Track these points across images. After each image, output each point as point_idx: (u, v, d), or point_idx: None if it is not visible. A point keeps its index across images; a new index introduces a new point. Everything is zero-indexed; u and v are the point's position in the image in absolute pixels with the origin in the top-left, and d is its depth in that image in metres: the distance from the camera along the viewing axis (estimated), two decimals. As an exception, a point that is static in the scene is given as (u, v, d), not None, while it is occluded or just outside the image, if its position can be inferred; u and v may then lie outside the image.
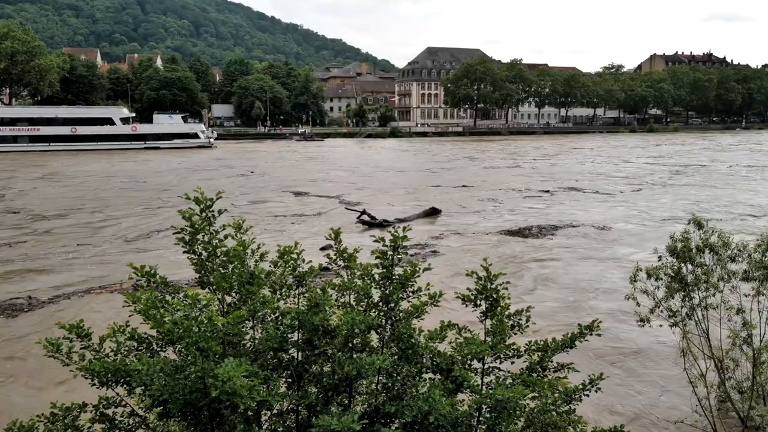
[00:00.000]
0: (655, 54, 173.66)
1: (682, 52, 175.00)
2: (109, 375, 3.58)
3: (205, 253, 3.97)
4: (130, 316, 3.68)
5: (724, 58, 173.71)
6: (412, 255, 17.55)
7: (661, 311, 7.14)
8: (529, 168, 48.60)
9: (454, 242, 20.08)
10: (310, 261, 4.22)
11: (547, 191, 33.21)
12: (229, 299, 4.05)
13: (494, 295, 4.08)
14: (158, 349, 3.85)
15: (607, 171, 46.09)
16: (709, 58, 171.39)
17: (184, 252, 4.01)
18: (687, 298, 7.13)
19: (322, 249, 17.29)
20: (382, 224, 22.90)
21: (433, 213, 25.58)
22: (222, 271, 3.98)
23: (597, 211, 26.63)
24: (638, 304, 7.25)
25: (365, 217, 23.50)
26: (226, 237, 4.13)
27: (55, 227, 23.25)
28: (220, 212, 4.10)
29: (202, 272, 3.97)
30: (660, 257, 7.36)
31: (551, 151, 69.72)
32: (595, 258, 17.68)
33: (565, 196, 31.71)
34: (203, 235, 3.97)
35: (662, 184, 37.36)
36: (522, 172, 45.40)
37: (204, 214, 4.00)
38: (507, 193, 32.71)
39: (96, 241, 20.34)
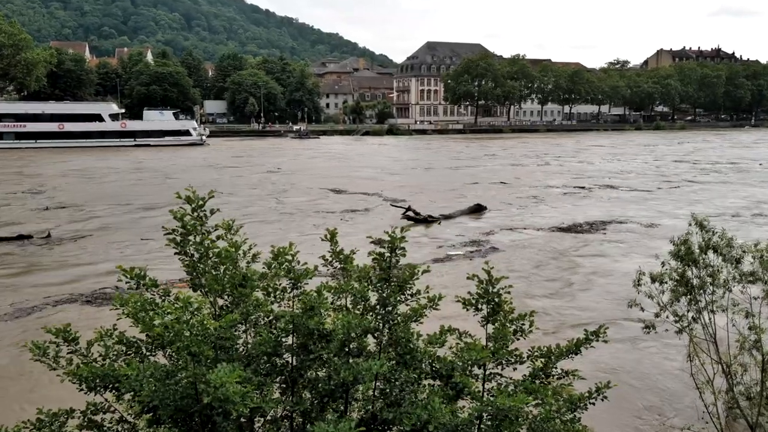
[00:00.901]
0: (661, 49, 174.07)
1: (690, 48, 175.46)
2: (97, 380, 3.57)
3: (197, 255, 3.96)
4: (118, 319, 3.67)
5: (733, 53, 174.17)
6: (472, 252, 18.83)
7: (667, 316, 7.15)
8: (557, 165, 49.88)
9: (507, 238, 21.04)
10: (305, 263, 4.21)
11: (583, 187, 34.84)
12: (221, 302, 4.04)
13: (496, 299, 4.08)
14: (148, 353, 3.84)
15: (637, 169, 47.38)
16: (717, 53, 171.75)
17: (175, 253, 4.00)
18: (693, 302, 7.14)
19: (374, 242, 17.72)
20: (428, 220, 24.10)
21: (477, 210, 26.49)
22: (214, 273, 3.97)
23: (639, 207, 27.76)
24: (642, 309, 7.25)
25: (410, 213, 24.58)
26: (218, 238, 4.12)
27: (109, 222, 24.59)
28: (212, 212, 4.09)
29: (194, 274, 3.96)
30: (663, 263, 7.37)
31: (571, 149, 71.02)
32: (647, 254, 17.62)
33: (603, 193, 33.10)
34: (195, 236, 3.96)
35: (699, 181, 38.39)
36: (552, 169, 46.56)
37: (196, 214, 3.99)
38: (545, 190, 34.12)
39: (157, 236, 20.65)
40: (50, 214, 26.37)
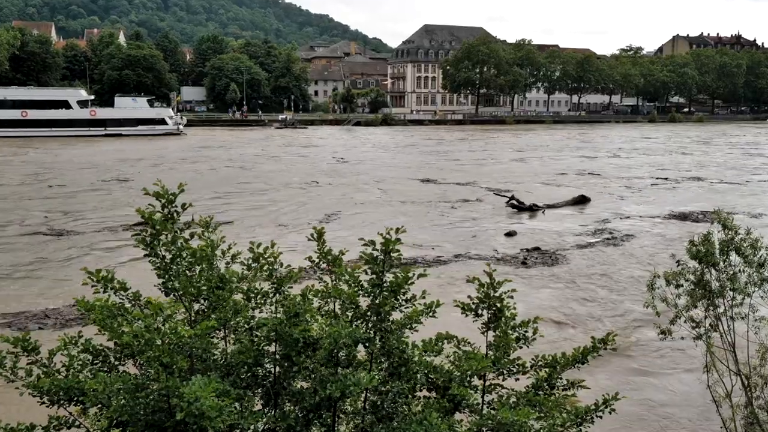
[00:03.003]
0: (677, 35, 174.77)
1: (708, 34, 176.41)
2: (61, 393, 3.53)
3: (168, 255, 3.92)
4: (83, 326, 3.64)
5: (755, 40, 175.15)
6: (608, 238, 21.39)
7: (684, 322, 7.16)
8: (626, 159, 52.37)
9: (625, 225, 23.38)
10: (289, 265, 4.18)
11: (666, 179, 38.32)
12: (196, 307, 4.01)
13: (498, 305, 4.07)
14: (116, 363, 3.81)
15: (703, 161, 50.46)
16: (737, 40, 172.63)
17: (145, 255, 3.96)
18: (711, 307, 7.15)
19: (508, 235, 21.80)
20: (532, 209, 26.72)
21: (582, 201, 28.69)
22: (188, 275, 3.93)
23: (739, 198, 30.69)
24: (657, 314, 7.27)
25: (514, 202, 26.99)
26: (192, 236, 4.08)
27: (232, 208, 26.91)
28: (184, 207, 4.05)
29: (166, 277, 3.93)
30: (678, 262, 7.38)
31: (617, 141, 74.06)
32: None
33: (691, 184, 36.57)
34: (166, 235, 3.91)
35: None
36: (623, 162, 49.23)
37: (166, 211, 3.94)
38: (631, 180, 37.60)
39: (289, 222, 24.11)
40: (147, 200, 27.65)
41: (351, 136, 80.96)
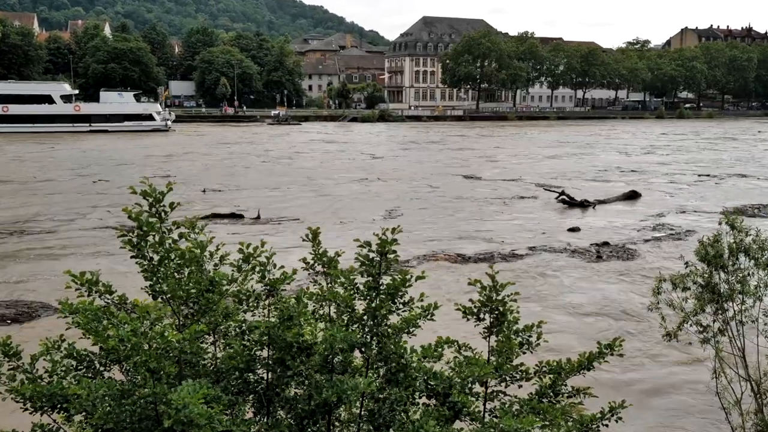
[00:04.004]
0: (686, 28, 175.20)
1: (718, 26, 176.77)
2: (44, 399, 3.52)
3: (156, 257, 3.91)
4: (66, 329, 3.62)
5: (766, 33, 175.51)
6: (671, 233, 22.32)
7: (691, 326, 7.18)
8: (654, 156, 53.73)
9: (685, 221, 24.36)
10: (282, 266, 4.17)
11: (708, 175, 39.77)
12: (185, 310, 4.00)
13: (500, 308, 4.07)
14: (101, 368, 3.80)
15: (741, 157, 51.80)
16: (748, 33, 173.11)
17: (132, 257, 3.95)
18: (720, 311, 7.17)
19: (571, 230, 22.99)
20: (583, 204, 28.01)
21: (632, 196, 30.08)
22: (177, 277, 3.93)
23: None
24: (663, 319, 7.28)
25: (565, 197, 28.35)
26: (180, 237, 4.07)
27: (286, 205, 28.22)
28: (172, 206, 4.04)
29: (154, 279, 3.92)
30: (687, 264, 7.39)
31: (644, 138, 75.67)
32: None
33: (736, 180, 37.88)
34: (154, 236, 3.91)
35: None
36: (653, 159, 50.86)
37: (154, 210, 3.94)
38: (674, 177, 39.17)
39: (347, 218, 25.53)
40: (212, 196, 30.37)
41: (371, 132, 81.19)
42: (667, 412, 9.90)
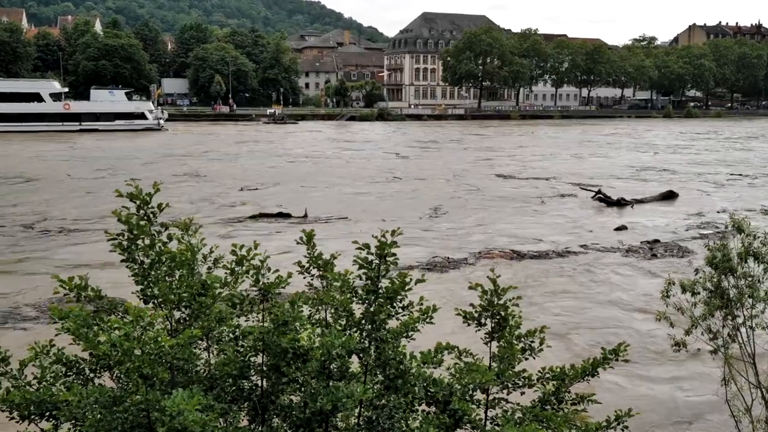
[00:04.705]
0: (694, 24, 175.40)
1: (727, 23, 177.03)
2: (32, 407, 3.52)
3: (147, 261, 3.91)
4: (56, 335, 3.63)
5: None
6: (717, 231, 22.33)
7: (702, 334, 7.18)
8: (681, 155, 54.74)
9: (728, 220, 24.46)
10: (277, 270, 4.18)
11: (741, 175, 40.49)
12: (177, 315, 4.00)
13: (502, 313, 4.07)
14: (92, 375, 3.80)
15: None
16: (758, 29, 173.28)
17: (122, 261, 3.95)
18: (729, 317, 7.17)
19: (618, 229, 23.38)
20: (620, 203, 28.72)
21: (670, 196, 30.78)
22: (168, 281, 3.93)
23: None
24: (672, 325, 7.29)
25: (601, 196, 29.14)
26: (170, 238, 4.07)
27: (325, 204, 28.83)
28: (161, 208, 4.03)
29: (145, 283, 3.92)
30: (697, 270, 7.40)
31: (665, 137, 76.80)
32: None
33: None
34: (144, 239, 3.91)
35: None
36: (681, 158, 51.95)
37: (142, 212, 3.93)
38: (705, 176, 39.87)
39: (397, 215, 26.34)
40: (250, 195, 31.31)
41: (382, 131, 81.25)
42: (675, 419, 9.90)
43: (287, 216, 25.39)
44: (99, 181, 35.31)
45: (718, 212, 27.12)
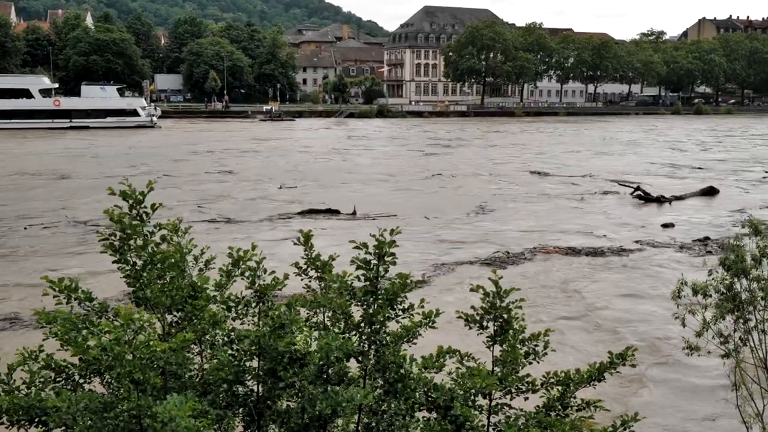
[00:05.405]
0: (703, 18, 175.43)
1: (737, 17, 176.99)
2: (21, 412, 3.52)
3: (140, 262, 3.91)
4: (44, 339, 3.62)
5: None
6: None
7: (713, 338, 7.18)
8: (711, 153, 55.48)
9: None
10: (273, 271, 4.17)
11: None
12: (170, 318, 4.00)
13: (505, 315, 4.07)
14: (82, 380, 3.79)
15: None
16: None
17: (114, 262, 3.95)
18: (741, 320, 7.18)
19: (665, 226, 24.07)
20: (660, 200, 29.44)
21: (710, 192, 31.47)
22: (160, 283, 3.92)
23: None
24: (684, 325, 7.29)
25: (640, 192, 29.83)
26: (162, 239, 4.07)
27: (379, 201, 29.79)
28: (153, 208, 4.03)
29: (137, 285, 3.91)
30: (710, 271, 7.41)
31: (688, 134, 77.46)
32: None
33: None
34: (136, 239, 3.90)
35: None
36: (711, 155, 52.68)
37: (134, 212, 3.93)
38: (741, 174, 40.76)
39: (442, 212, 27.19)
40: (290, 192, 32.01)
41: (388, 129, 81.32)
42: (683, 424, 9.91)
43: (336, 212, 26.27)
44: (136, 179, 35.70)
45: (760, 209, 27.57)
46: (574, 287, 16.75)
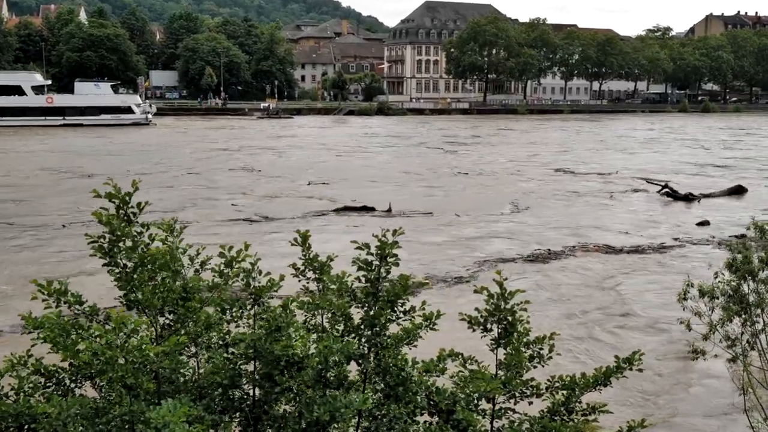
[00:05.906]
0: (711, 14, 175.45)
1: (746, 12, 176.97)
2: (10, 419, 3.51)
3: (130, 264, 3.88)
4: (32, 345, 3.60)
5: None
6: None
7: (720, 341, 7.17)
8: (734, 151, 56.30)
9: None
10: (269, 273, 4.15)
11: None
12: (162, 320, 3.98)
13: (509, 318, 4.05)
14: (73, 385, 3.77)
15: None
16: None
17: (104, 265, 3.92)
18: (748, 323, 7.16)
19: (700, 224, 24.61)
20: (688, 198, 30.18)
21: (738, 191, 32.00)
22: (152, 285, 3.90)
23: None
24: (689, 329, 7.27)
25: (668, 190, 30.57)
26: (152, 239, 4.04)
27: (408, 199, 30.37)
28: (140, 207, 4.00)
29: (128, 288, 3.89)
30: (716, 274, 7.40)
31: (705, 133, 78.29)
32: None
33: None
34: (125, 241, 3.87)
35: None
36: (735, 153, 53.74)
37: (121, 212, 3.90)
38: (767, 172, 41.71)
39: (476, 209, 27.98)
40: (319, 189, 32.77)
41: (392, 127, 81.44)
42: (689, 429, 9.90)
43: (371, 210, 26.93)
44: (162, 176, 36.60)
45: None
46: (613, 284, 17.32)
